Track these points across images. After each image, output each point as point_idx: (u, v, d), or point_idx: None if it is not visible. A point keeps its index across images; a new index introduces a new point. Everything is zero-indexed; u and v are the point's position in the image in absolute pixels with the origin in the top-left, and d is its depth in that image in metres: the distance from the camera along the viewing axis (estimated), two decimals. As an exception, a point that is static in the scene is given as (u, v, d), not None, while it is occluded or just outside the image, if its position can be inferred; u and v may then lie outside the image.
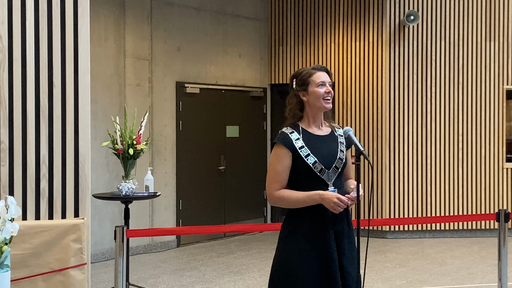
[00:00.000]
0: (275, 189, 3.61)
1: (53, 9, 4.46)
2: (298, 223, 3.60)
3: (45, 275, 4.30)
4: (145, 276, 7.76)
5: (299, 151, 3.59)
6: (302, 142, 3.61)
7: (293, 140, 3.61)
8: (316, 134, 3.68)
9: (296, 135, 3.63)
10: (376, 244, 9.60)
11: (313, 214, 3.57)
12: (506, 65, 10.22)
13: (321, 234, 3.56)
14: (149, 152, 9.05)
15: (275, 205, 3.66)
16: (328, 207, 3.51)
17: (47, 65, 4.44)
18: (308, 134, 3.65)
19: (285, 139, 3.61)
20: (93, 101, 7.66)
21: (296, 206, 3.59)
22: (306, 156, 3.58)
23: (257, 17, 10.82)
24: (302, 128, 3.67)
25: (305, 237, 3.56)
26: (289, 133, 3.63)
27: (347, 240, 3.63)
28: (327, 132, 3.73)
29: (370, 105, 10.17)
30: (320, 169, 3.58)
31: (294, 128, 3.67)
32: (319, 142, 3.65)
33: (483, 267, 8.15)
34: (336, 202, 3.49)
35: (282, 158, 3.60)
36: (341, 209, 3.51)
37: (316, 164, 3.58)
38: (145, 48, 9.13)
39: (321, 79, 3.67)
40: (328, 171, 3.60)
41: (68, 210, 4.49)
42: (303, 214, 3.58)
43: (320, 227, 3.57)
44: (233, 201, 10.38)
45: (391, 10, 10.10)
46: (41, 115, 4.42)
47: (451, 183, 10.12)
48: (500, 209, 5.71)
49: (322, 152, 3.62)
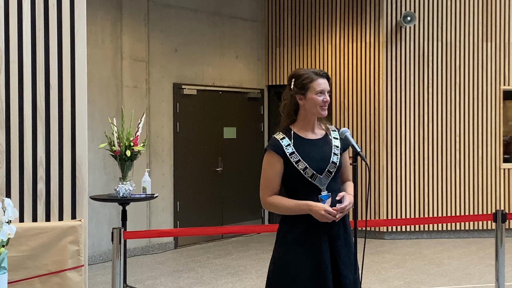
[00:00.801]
0: (267, 195, 3.63)
1: (49, 11, 4.46)
2: (292, 227, 3.60)
3: (43, 277, 4.30)
4: (143, 278, 7.75)
5: (290, 157, 3.58)
6: (292, 148, 3.59)
7: (284, 146, 3.59)
8: (308, 138, 3.65)
9: (287, 141, 3.61)
10: (373, 245, 9.60)
11: (306, 218, 3.56)
12: (503, 65, 10.23)
13: (313, 239, 3.57)
14: (147, 154, 9.05)
15: (268, 210, 3.71)
16: (317, 218, 3.53)
17: (44, 66, 4.44)
18: (300, 139, 3.63)
19: (275, 145, 3.61)
20: (90, 103, 7.67)
21: (287, 214, 3.61)
22: (297, 162, 3.58)
23: (254, 19, 10.82)
24: (294, 132, 3.64)
25: (298, 241, 3.57)
26: (280, 139, 3.62)
27: (344, 244, 3.63)
28: (321, 135, 3.70)
29: (367, 106, 10.18)
30: (311, 174, 3.57)
31: (286, 133, 3.64)
32: (311, 147, 3.63)
33: (481, 267, 8.16)
34: (323, 215, 3.50)
35: (272, 165, 3.60)
36: (329, 220, 3.51)
37: (306, 169, 3.57)
38: (142, 49, 9.12)
39: (321, 87, 3.63)
40: (320, 176, 3.59)
41: (65, 212, 4.49)
42: (296, 218, 3.59)
43: (313, 232, 3.57)
44: (231, 203, 10.38)
45: (387, 11, 10.11)
46: (38, 117, 4.42)
47: (449, 184, 10.13)
48: (497, 210, 5.72)
49: (314, 157, 3.60)
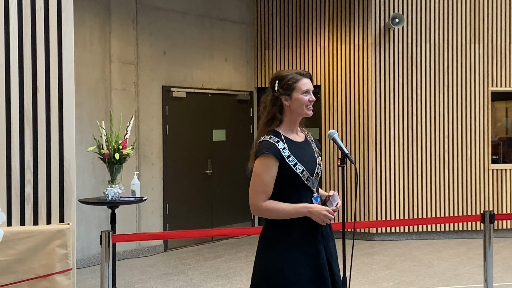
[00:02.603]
0: (262, 200, 3.53)
1: (36, 14, 4.45)
2: (288, 231, 3.54)
3: (31, 281, 4.29)
4: (132, 281, 7.74)
5: (287, 160, 3.54)
6: (288, 151, 3.56)
7: (280, 149, 3.54)
8: (296, 141, 3.65)
9: (282, 144, 3.56)
10: (363, 246, 9.62)
11: (304, 222, 3.53)
12: (491, 67, 10.29)
13: (312, 242, 3.55)
14: (136, 157, 9.04)
15: (260, 216, 3.60)
16: (317, 220, 3.50)
17: (31, 70, 4.43)
18: (291, 142, 3.61)
19: (273, 148, 3.53)
20: (78, 106, 7.66)
21: (283, 218, 3.54)
22: (294, 165, 3.55)
23: (243, 21, 10.83)
24: (284, 136, 3.61)
25: (296, 245, 3.52)
26: (275, 143, 3.56)
27: (332, 243, 3.64)
28: (303, 138, 3.71)
29: (356, 108, 10.20)
30: (307, 177, 3.57)
31: (277, 136, 3.60)
32: (301, 149, 3.63)
33: (470, 268, 8.19)
34: (326, 215, 3.48)
35: (270, 169, 3.53)
36: (329, 221, 3.51)
37: (304, 172, 3.56)
38: (131, 52, 9.11)
39: (307, 87, 3.63)
40: (312, 178, 3.60)
41: (53, 215, 4.48)
42: (293, 222, 3.53)
43: (311, 235, 3.55)
44: (220, 205, 10.38)
45: (376, 13, 10.14)
46: (25, 120, 4.41)
47: (438, 185, 10.16)
48: (485, 211, 5.74)
49: (306, 160, 3.60)
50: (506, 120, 10.73)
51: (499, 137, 10.51)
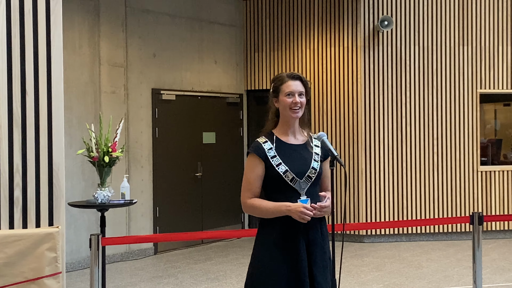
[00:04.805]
0: (247, 198, 3.66)
1: (25, 16, 4.44)
2: (270, 231, 3.63)
3: (20, 284, 4.27)
4: (122, 284, 7.72)
5: (271, 160, 3.63)
6: (274, 152, 3.65)
7: (266, 149, 3.65)
8: (289, 143, 3.70)
9: (269, 144, 3.67)
10: (353, 248, 9.64)
11: (284, 222, 3.59)
12: (479, 69, 10.34)
13: (291, 243, 3.59)
14: (125, 160, 9.02)
15: (248, 213, 3.72)
16: (296, 218, 3.54)
17: (20, 73, 4.41)
18: (282, 143, 3.68)
19: (258, 148, 3.66)
20: (68, 109, 7.64)
21: (266, 216, 3.63)
22: (278, 165, 3.62)
23: (233, 24, 10.84)
24: (276, 137, 3.70)
25: (276, 245, 3.60)
26: (262, 143, 3.68)
27: (320, 250, 3.65)
28: (303, 141, 3.74)
29: (345, 110, 10.23)
30: (291, 178, 3.61)
31: (268, 137, 3.70)
32: (292, 151, 3.68)
33: (459, 269, 8.22)
34: (302, 211, 3.51)
35: (254, 168, 3.65)
36: (308, 218, 3.53)
37: (287, 173, 3.61)
38: (120, 55, 9.10)
39: (290, 89, 3.67)
40: (300, 180, 3.63)
41: (42, 218, 4.46)
42: (275, 222, 3.62)
43: (291, 236, 3.60)
44: (211, 208, 10.37)
45: (365, 15, 10.18)
46: (14, 123, 4.39)
47: (427, 187, 10.20)
48: (474, 212, 5.77)
49: (295, 161, 3.64)
50: (495, 122, 10.79)
51: (488, 139, 10.56)
